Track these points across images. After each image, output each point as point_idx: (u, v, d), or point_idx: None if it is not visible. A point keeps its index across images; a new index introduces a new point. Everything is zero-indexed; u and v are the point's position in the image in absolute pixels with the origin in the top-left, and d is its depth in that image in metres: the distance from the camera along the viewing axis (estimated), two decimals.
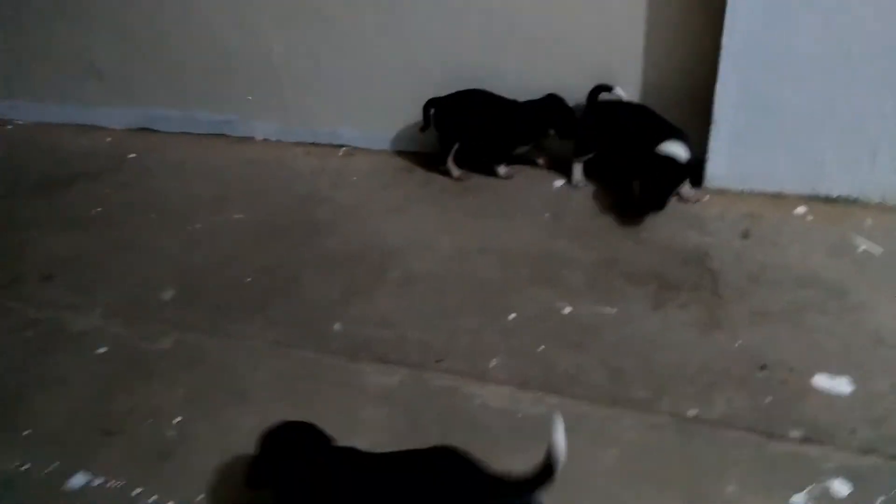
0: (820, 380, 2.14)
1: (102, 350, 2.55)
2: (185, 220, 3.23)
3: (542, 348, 2.37)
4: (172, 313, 2.70)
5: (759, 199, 2.96)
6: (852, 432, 1.97)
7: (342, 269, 2.84)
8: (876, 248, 2.61)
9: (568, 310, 2.52)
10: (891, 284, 2.46)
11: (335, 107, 3.64)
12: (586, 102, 3.08)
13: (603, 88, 3.04)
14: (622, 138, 3.00)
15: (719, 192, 3.02)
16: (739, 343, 2.31)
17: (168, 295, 2.80)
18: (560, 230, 2.92)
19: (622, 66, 3.07)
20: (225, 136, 3.92)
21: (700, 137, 2.95)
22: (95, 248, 3.10)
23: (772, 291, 2.49)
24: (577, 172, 3.16)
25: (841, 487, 1.85)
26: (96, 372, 2.46)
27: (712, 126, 2.90)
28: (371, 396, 2.27)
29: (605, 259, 2.73)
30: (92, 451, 2.15)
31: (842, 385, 2.11)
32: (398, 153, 3.59)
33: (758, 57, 2.71)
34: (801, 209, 2.87)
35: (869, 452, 1.92)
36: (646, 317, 2.46)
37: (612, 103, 3.07)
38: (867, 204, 2.84)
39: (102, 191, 3.53)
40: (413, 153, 3.56)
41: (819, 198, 2.90)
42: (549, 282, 2.65)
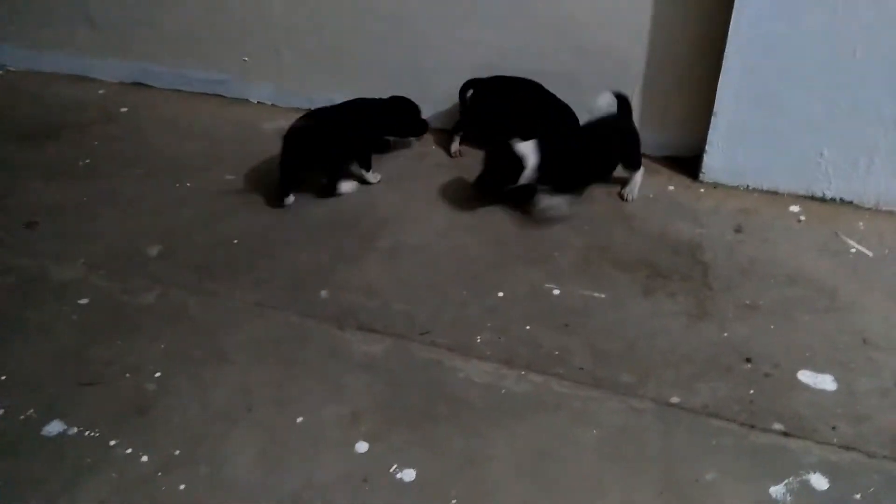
0: (804, 375, 2.15)
1: (84, 301, 2.50)
2: (175, 177, 3.18)
3: (529, 327, 2.36)
4: (157, 269, 2.66)
5: (754, 195, 2.96)
6: (834, 428, 1.98)
7: (331, 237, 2.81)
8: (867, 251, 2.62)
9: (557, 291, 2.51)
10: (880, 287, 2.47)
11: (333, 74, 3.59)
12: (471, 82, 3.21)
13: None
14: (503, 119, 3.14)
15: (715, 186, 3.02)
16: (726, 335, 2.31)
17: (154, 250, 2.75)
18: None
19: (626, 52, 3.05)
20: (219, 97, 3.87)
21: (700, 129, 2.95)
22: (82, 199, 3.05)
23: (761, 286, 2.50)
24: (454, 144, 3.32)
25: (819, 482, 1.85)
26: (77, 322, 2.42)
27: (712, 118, 2.89)
28: (354, 363, 2.25)
29: (598, 244, 2.72)
30: (69, 400, 2.12)
31: (826, 382, 2.12)
32: None
33: (763, 52, 2.70)
34: (795, 208, 2.88)
35: (849, 449, 1.93)
36: (634, 303, 2.45)
37: (503, 81, 3.17)
38: (861, 207, 2.85)
39: (92, 142, 3.47)
40: None
41: (814, 198, 2.91)
42: (540, 263, 2.64)
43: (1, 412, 2.09)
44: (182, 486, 1.88)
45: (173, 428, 2.03)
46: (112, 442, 1.99)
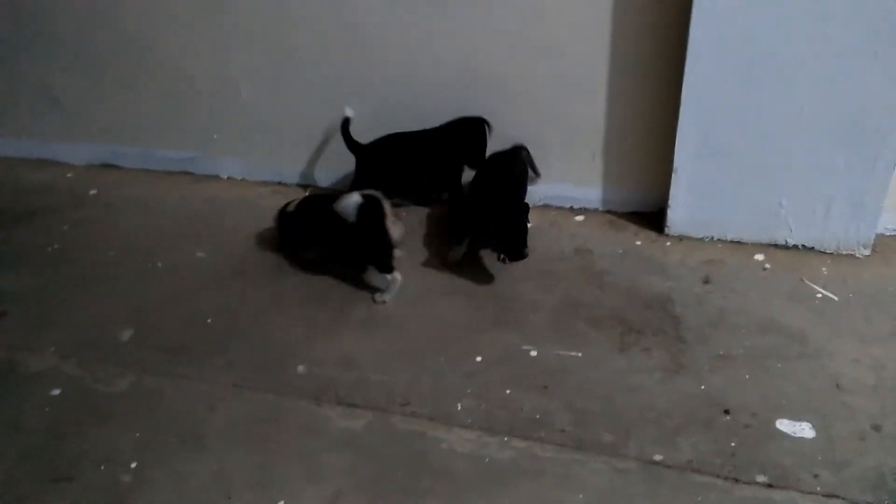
0: (783, 424, 2.16)
1: (56, 392, 2.46)
2: (146, 258, 3.17)
3: (509, 391, 2.36)
4: (129, 354, 2.63)
5: (719, 246, 3.02)
6: (816, 476, 2.00)
7: (305, 310, 2.80)
8: (832, 296, 2.68)
9: (534, 353, 2.52)
10: (847, 331, 2.51)
11: (302, 146, 3.64)
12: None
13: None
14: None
15: (680, 239, 3.08)
16: (703, 387, 2.33)
17: (126, 335, 2.72)
18: (525, 273, 2.93)
19: (587, 116, 3.14)
20: (189, 174, 3.88)
21: (662, 184, 3.03)
22: (51, 286, 3.01)
23: (733, 336, 2.53)
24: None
25: None
26: (49, 414, 2.37)
27: (673, 174, 2.97)
28: (334, 440, 2.22)
29: (570, 302, 2.75)
30: (41, 499, 2.06)
31: (804, 430, 2.14)
32: None
33: (717, 109, 2.80)
34: (760, 256, 2.94)
35: (832, 497, 1.94)
36: (611, 360, 2.47)
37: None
38: (823, 252, 2.92)
39: (61, 227, 3.45)
40: None
41: (777, 246, 2.97)
42: (516, 324, 2.65)
43: None
44: None
45: None
46: None
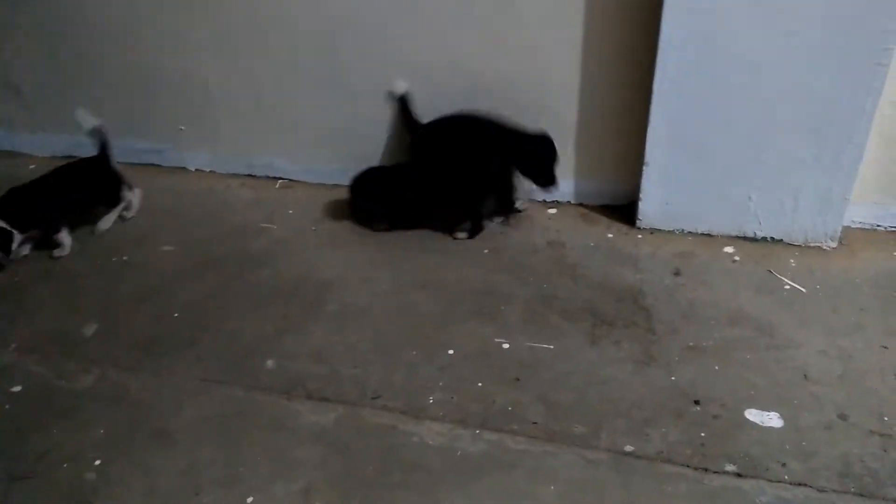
0: (751, 414, 2.18)
1: (17, 388, 2.40)
2: (111, 252, 3.10)
3: (481, 384, 2.35)
4: (94, 349, 2.57)
5: (690, 239, 3.04)
6: (784, 465, 2.01)
7: (275, 304, 2.76)
8: (801, 287, 2.71)
9: (507, 346, 2.51)
10: (815, 322, 2.54)
11: (272, 138, 3.60)
12: None
13: None
14: None
15: (652, 231, 3.09)
16: (673, 378, 2.34)
17: (90, 330, 2.66)
18: (498, 266, 2.93)
19: (560, 109, 3.13)
20: (156, 166, 3.81)
21: (633, 178, 3.04)
22: (13, 280, 2.94)
23: (703, 328, 2.55)
24: None
25: None
26: (10, 412, 2.30)
27: (644, 168, 2.98)
28: (304, 435, 2.19)
29: (543, 295, 2.75)
30: (1, 499, 2.00)
31: (772, 420, 2.16)
32: (336, 186, 3.55)
33: (688, 104, 2.81)
34: (729, 249, 2.96)
35: (800, 485, 1.96)
36: (583, 352, 2.47)
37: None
38: (791, 244, 2.95)
39: None
40: None
41: (746, 238, 3.00)
42: (488, 317, 2.64)
43: None
44: None
45: None
46: None
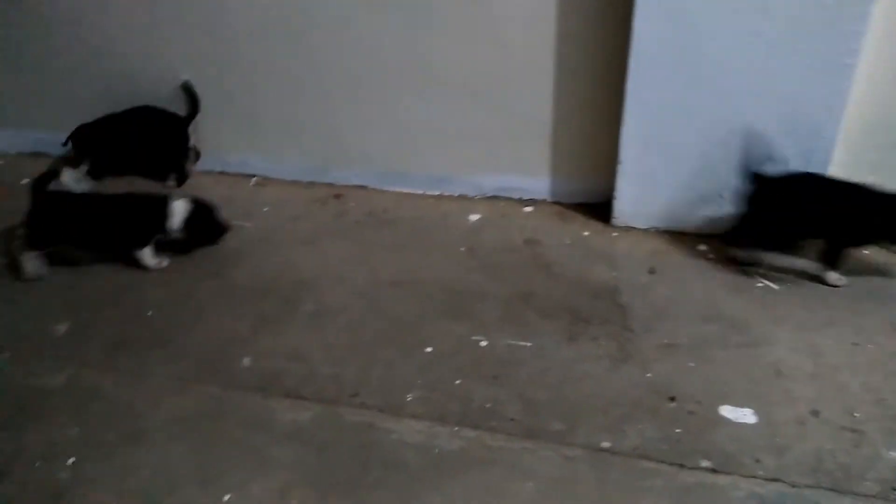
0: (726, 410, 2.21)
1: None
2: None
3: (459, 382, 2.35)
4: (66, 348, 2.53)
5: (664, 237, 3.07)
6: (758, 461, 2.04)
7: (251, 302, 2.74)
8: (773, 284, 2.75)
9: (484, 343, 2.52)
10: (786, 318, 2.58)
11: (246, 135, 3.56)
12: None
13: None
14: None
15: (627, 230, 3.12)
16: (649, 375, 2.36)
17: (61, 328, 2.62)
18: (475, 264, 2.93)
19: (535, 110, 3.15)
20: None
21: (609, 176, 3.06)
22: None
23: (678, 325, 2.58)
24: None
25: None
26: None
27: (619, 167, 3.01)
28: (281, 433, 2.18)
29: (520, 293, 2.76)
30: None
31: (746, 416, 2.19)
32: (311, 184, 3.53)
33: (660, 103, 2.83)
34: (703, 247, 3.00)
35: (774, 481, 1.99)
36: (559, 350, 2.49)
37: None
38: None
39: None
40: (327, 184, 3.51)
41: (719, 236, 3.04)
42: (465, 315, 2.65)
43: None
44: None
45: None
46: None
